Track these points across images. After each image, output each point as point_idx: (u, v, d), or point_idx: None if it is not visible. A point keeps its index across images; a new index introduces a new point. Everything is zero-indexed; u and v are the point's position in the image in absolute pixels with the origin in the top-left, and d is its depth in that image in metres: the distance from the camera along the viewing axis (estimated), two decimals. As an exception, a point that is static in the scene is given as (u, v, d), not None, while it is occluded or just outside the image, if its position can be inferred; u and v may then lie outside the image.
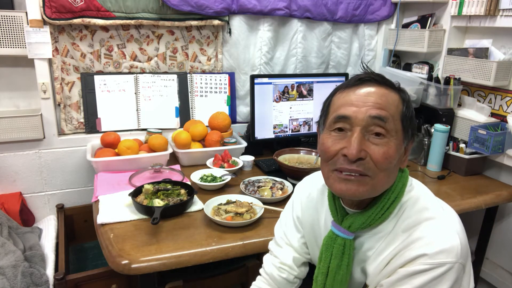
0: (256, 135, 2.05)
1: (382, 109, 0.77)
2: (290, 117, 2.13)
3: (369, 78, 0.82)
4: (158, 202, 1.40)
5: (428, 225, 0.79)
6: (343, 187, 0.79)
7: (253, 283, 1.08)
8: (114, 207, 1.43)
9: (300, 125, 2.16)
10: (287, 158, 1.83)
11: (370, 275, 0.85)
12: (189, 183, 1.60)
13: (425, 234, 0.77)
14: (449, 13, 2.00)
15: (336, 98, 0.84)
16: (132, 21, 1.86)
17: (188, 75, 2.10)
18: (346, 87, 0.83)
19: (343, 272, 0.87)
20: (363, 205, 0.85)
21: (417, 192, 0.85)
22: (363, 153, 0.77)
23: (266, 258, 1.10)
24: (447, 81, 1.94)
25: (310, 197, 1.02)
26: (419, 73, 2.18)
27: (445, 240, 0.75)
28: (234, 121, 2.22)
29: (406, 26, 2.26)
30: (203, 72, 2.14)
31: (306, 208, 1.02)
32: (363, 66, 0.88)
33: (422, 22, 2.16)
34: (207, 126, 2.04)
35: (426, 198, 0.84)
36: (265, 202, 1.47)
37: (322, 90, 2.17)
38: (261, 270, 1.09)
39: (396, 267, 0.79)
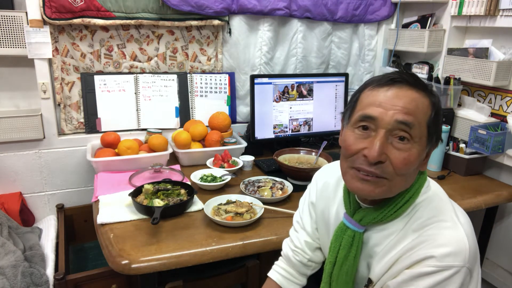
0: (256, 135, 2.05)
1: (409, 115, 0.76)
2: (290, 117, 2.13)
3: (401, 79, 0.79)
4: (158, 202, 1.40)
5: (439, 227, 0.79)
6: (360, 185, 0.80)
7: (275, 262, 1.14)
8: (114, 207, 1.43)
9: (300, 125, 2.16)
10: (287, 158, 1.83)
11: (376, 271, 0.86)
12: (189, 183, 1.60)
13: (435, 236, 0.77)
14: (449, 13, 1.99)
15: (365, 96, 0.82)
16: (132, 21, 1.86)
17: (188, 75, 2.10)
18: (376, 85, 0.81)
19: (350, 263, 0.88)
20: (377, 201, 0.86)
21: (432, 194, 0.86)
22: (384, 157, 0.77)
23: (284, 240, 1.16)
24: (447, 81, 1.94)
25: (326, 184, 1.04)
26: (419, 73, 2.17)
27: (453, 243, 0.75)
28: (234, 121, 2.22)
29: (406, 26, 2.26)
30: (203, 72, 2.14)
31: (321, 195, 1.04)
32: (398, 68, 0.86)
33: (422, 22, 2.15)
34: (207, 126, 2.04)
35: (440, 200, 0.85)
36: (265, 202, 1.47)
37: (322, 90, 2.17)
38: (282, 252, 1.14)
39: (403, 268, 0.79)
